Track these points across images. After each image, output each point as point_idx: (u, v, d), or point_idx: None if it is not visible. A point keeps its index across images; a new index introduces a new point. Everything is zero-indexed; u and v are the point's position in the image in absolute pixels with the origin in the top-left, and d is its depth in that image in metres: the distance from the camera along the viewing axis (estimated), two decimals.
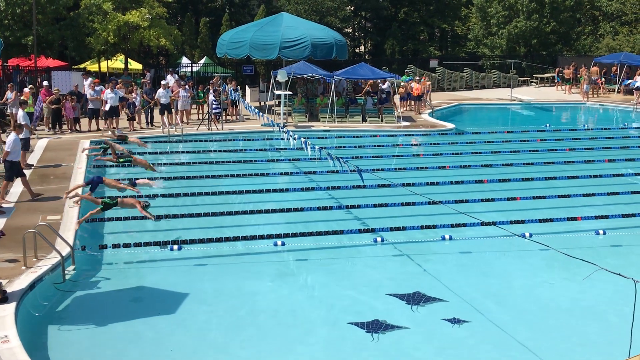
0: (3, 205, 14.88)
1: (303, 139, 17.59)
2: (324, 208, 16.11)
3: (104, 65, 37.82)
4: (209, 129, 26.13)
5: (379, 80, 30.73)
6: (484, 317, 10.40)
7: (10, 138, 15.60)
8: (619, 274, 6.70)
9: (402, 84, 31.80)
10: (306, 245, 13.68)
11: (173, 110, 26.89)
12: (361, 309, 10.73)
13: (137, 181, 15.57)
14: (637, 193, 17.34)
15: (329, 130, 27.19)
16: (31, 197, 15.59)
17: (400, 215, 15.65)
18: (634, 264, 12.79)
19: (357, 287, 11.78)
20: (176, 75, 33.03)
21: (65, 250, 11.86)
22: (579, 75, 40.97)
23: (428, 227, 14.57)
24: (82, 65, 37.15)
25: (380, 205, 16.20)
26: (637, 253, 13.46)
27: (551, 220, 15.09)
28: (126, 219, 14.85)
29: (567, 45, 50.07)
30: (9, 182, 15.74)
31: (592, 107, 36.65)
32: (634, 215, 15.41)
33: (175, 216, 15.21)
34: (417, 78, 34.73)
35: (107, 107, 25.13)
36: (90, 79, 28.10)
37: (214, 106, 26.62)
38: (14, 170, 15.59)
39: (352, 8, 52.69)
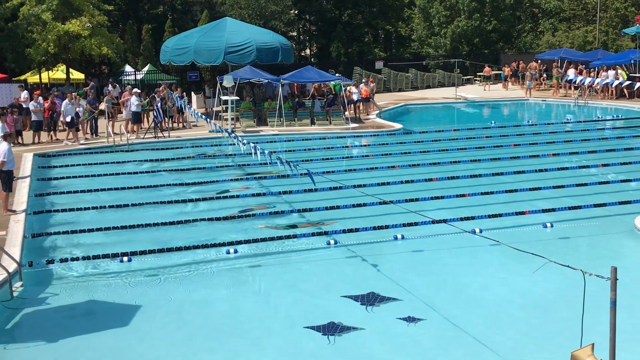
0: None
1: (252, 144, 17.50)
2: (276, 213, 16.04)
3: (45, 76, 36.99)
4: (155, 138, 25.79)
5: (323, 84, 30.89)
6: (439, 314, 10.47)
7: (4, 147, 15.14)
8: (568, 266, 6.80)
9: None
10: (259, 251, 13.58)
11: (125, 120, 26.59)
12: (317, 312, 10.69)
13: None
14: (582, 185, 17.72)
15: (278, 134, 27.13)
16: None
17: (353, 217, 15.68)
18: (582, 255, 13.07)
19: (312, 291, 11.74)
20: (117, 85, 32.58)
21: (12, 267, 11.53)
22: (518, 72, 41.82)
23: (380, 227, 14.63)
24: (22, 77, 36.30)
25: (332, 207, 16.21)
26: (584, 244, 13.75)
27: (500, 215, 15.31)
28: (74, 232, 14.53)
29: (508, 43, 51.04)
30: (8, 193, 15.57)
31: (535, 102, 37.44)
32: (579, 207, 15.74)
33: (124, 227, 14.93)
34: (364, 80, 34.92)
35: (67, 119, 24.68)
36: (25, 91, 27.50)
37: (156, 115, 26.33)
38: (12, 179, 15.34)
39: (296, 12, 52.73)
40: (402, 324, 10.23)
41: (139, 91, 27.69)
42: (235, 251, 13.44)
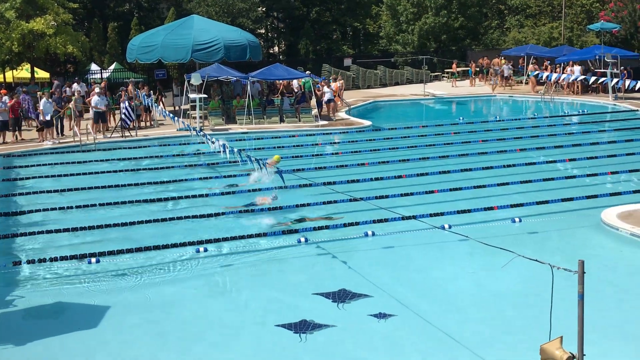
0: None
1: (221, 142, 17.39)
2: (246, 211, 15.96)
3: (9, 76, 36.35)
4: (122, 137, 25.52)
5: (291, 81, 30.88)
6: (409, 310, 10.51)
7: None
8: (536, 260, 6.86)
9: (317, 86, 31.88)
10: (229, 250, 13.51)
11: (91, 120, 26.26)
12: (288, 310, 10.66)
13: None
14: (549, 180, 17.93)
15: (247, 132, 27.02)
16: None
17: (323, 214, 15.67)
18: (550, 249, 13.22)
19: (283, 289, 11.71)
20: (83, 84, 32.16)
21: None
22: (483, 69, 42.19)
23: (350, 224, 14.64)
24: None
25: (303, 205, 16.18)
26: (552, 238, 13.91)
27: (469, 210, 15.42)
28: (40, 233, 14.32)
29: (475, 39, 51.44)
30: None
31: (502, 98, 37.81)
32: (547, 202, 15.92)
33: (92, 228, 14.75)
34: (334, 76, 34.93)
35: (47, 117, 24.36)
36: None
37: (124, 112, 26.02)
38: None
39: (264, 9, 52.53)
40: (373, 320, 10.25)
41: (99, 90, 27.32)
42: (205, 250, 13.35)
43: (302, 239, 13.88)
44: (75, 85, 30.67)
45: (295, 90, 31.27)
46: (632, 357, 9.11)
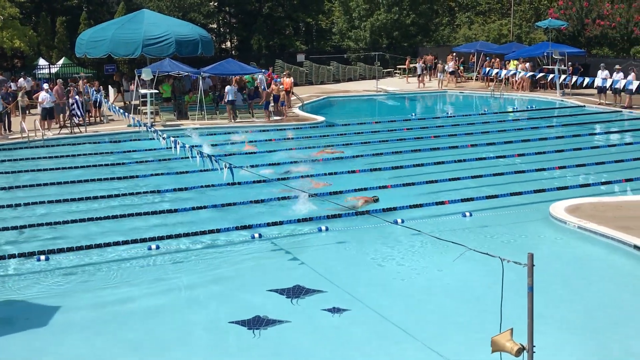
0: None
1: (172, 138, 17.20)
2: (199, 208, 15.82)
3: None
4: (71, 132, 25.04)
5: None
6: (363, 304, 10.57)
7: None
8: (487, 254, 6.95)
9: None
10: (182, 247, 13.38)
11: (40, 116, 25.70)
12: (241, 306, 10.62)
13: None
14: (499, 175, 18.21)
15: (199, 128, 26.78)
16: None
17: (277, 210, 15.64)
18: (500, 243, 13.43)
19: (236, 286, 11.66)
20: (29, 79, 31.46)
21: None
22: (428, 65, 42.60)
23: (304, 220, 14.64)
24: None
25: (256, 201, 16.12)
26: (502, 232, 14.12)
27: (421, 205, 15.56)
28: None
29: (426, 36, 51.88)
30: None
31: (453, 95, 38.25)
32: (497, 196, 16.16)
33: (40, 225, 14.45)
34: (286, 72, 34.84)
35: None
36: None
37: (73, 108, 25.53)
38: None
39: (216, 3, 52.08)
40: (327, 315, 10.28)
41: (46, 86, 26.77)
42: (157, 247, 13.19)
43: (256, 235, 13.83)
44: (21, 81, 29.99)
45: (258, 85, 31.11)
46: (580, 347, 9.33)
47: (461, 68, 43.14)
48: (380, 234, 14.03)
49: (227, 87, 28.55)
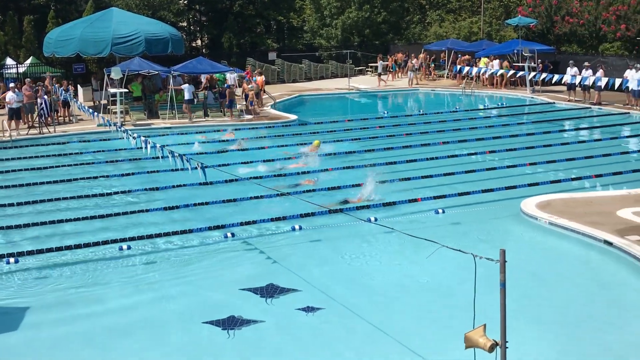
0: None
1: (143, 138, 17.03)
2: (170, 208, 15.68)
3: None
4: (40, 133, 24.69)
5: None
6: (337, 302, 10.55)
7: None
8: (460, 250, 6.97)
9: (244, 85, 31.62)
10: (154, 248, 13.25)
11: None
12: (215, 307, 10.54)
13: None
14: (471, 172, 18.32)
15: (170, 128, 26.56)
16: None
17: (250, 209, 15.56)
18: (472, 239, 13.50)
19: (210, 286, 11.57)
20: None
21: None
22: (397, 63, 42.78)
23: (278, 218, 14.59)
24: None
25: (229, 200, 16.02)
26: (474, 229, 14.20)
27: (394, 203, 15.61)
28: None
29: (398, 34, 52.04)
30: None
31: (425, 92, 38.42)
32: (468, 193, 16.26)
33: (9, 227, 14.22)
34: (258, 70, 34.72)
35: None
36: None
37: (42, 108, 25.17)
38: None
39: (186, 1, 51.74)
40: (302, 314, 10.24)
41: (13, 85, 26.36)
42: (129, 247, 13.05)
43: (229, 235, 13.75)
44: None
45: (231, 84, 30.96)
46: (552, 342, 9.40)
47: (432, 66, 43.34)
48: (353, 232, 14.04)
49: (184, 86, 28.07)
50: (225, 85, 30.39)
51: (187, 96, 27.81)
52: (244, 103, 30.21)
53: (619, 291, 11.11)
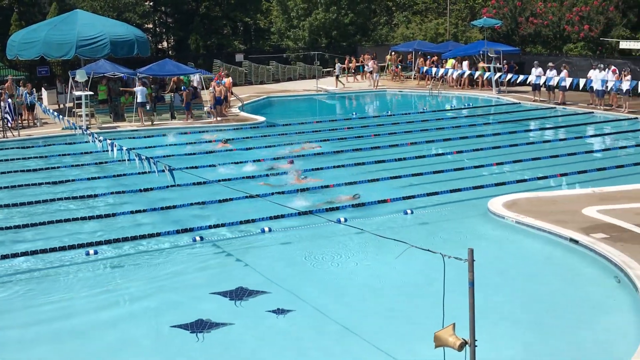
0: None
1: (109, 141, 16.84)
2: (138, 212, 15.51)
3: None
4: (4, 136, 24.27)
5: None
6: (307, 304, 10.54)
7: None
8: (428, 250, 7.00)
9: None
10: (121, 252, 13.10)
11: None
12: (184, 311, 10.45)
13: None
14: (439, 172, 18.42)
15: (136, 130, 26.30)
16: None
17: (219, 212, 15.46)
18: (441, 239, 13.57)
19: (179, 289, 11.46)
20: None
21: None
22: (359, 65, 42.93)
23: (247, 221, 14.51)
24: None
25: (197, 203, 15.91)
26: (443, 228, 14.29)
27: (363, 204, 15.64)
28: None
29: (365, 35, 52.19)
30: None
31: (392, 93, 38.58)
32: (437, 193, 16.36)
33: None
34: (226, 72, 34.56)
35: None
36: None
37: (6, 111, 24.76)
38: None
39: (151, 3, 51.30)
40: (272, 317, 10.21)
41: None
42: (96, 252, 12.89)
43: (198, 238, 13.65)
44: None
45: (196, 86, 30.69)
46: (520, 339, 9.49)
47: (398, 67, 43.56)
48: (323, 233, 14.03)
49: (136, 88, 27.46)
50: (182, 87, 29.97)
51: (139, 99, 27.31)
52: (210, 105, 29.98)
53: (585, 288, 11.26)
